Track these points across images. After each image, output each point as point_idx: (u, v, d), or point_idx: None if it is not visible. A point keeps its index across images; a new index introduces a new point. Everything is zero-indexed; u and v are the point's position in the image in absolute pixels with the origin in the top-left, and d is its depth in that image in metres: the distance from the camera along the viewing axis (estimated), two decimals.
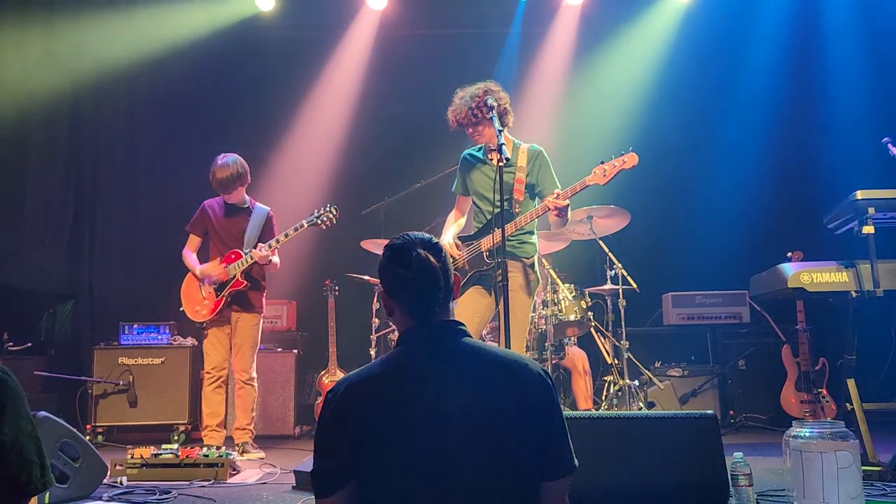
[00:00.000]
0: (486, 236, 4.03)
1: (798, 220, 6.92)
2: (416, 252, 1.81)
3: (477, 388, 1.74)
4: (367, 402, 1.72)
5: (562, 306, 5.54)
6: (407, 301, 1.85)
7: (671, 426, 3.08)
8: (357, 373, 1.81)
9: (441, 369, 1.77)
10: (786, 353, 5.91)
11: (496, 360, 1.81)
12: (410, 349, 1.83)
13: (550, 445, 1.77)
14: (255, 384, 5.25)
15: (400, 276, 1.83)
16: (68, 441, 3.62)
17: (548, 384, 1.80)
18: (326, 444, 1.75)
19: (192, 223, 5.35)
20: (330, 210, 5.12)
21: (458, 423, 1.69)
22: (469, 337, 1.86)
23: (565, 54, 7.50)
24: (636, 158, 3.76)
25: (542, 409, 1.77)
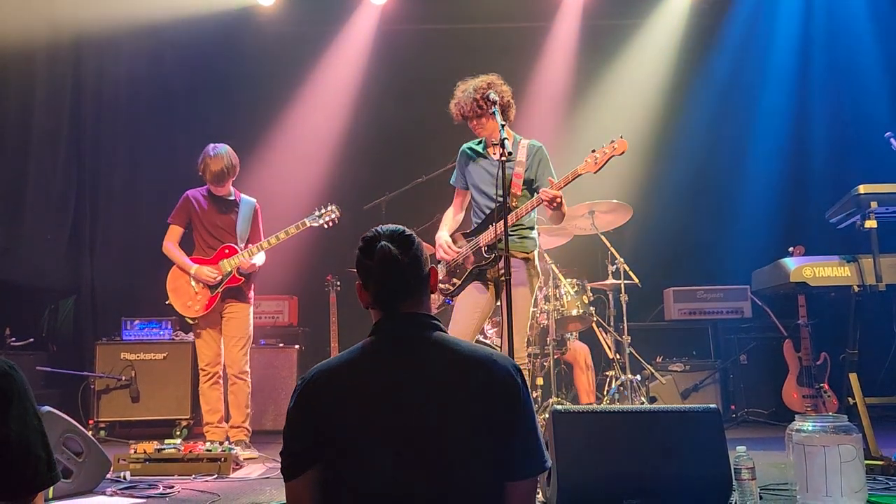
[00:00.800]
0: (485, 231, 4.03)
1: (800, 215, 6.92)
2: (381, 244, 1.83)
3: (441, 382, 1.74)
4: (333, 390, 1.75)
5: (563, 301, 5.53)
6: (372, 292, 1.86)
7: (674, 420, 3.08)
8: (327, 361, 1.85)
9: (405, 362, 1.78)
10: (787, 347, 5.92)
11: (462, 354, 1.80)
12: (378, 340, 1.84)
13: (517, 443, 1.75)
14: (247, 378, 5.11)
15: (366, 267, 1.85)
16: (72, 436, 3.63)
17: (516, 380, 1.77)
18: (293, 427, 1.77)
19: (175, 214, 5.18)
20: (332, 209, 5.10)
21: (420, 416, 1.69)
22: (441, 331, 1.85)
23: (568, 50, 7.48)
24: (626, 144, 3.76)
25: (509, 406, 1.74)
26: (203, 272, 5.03)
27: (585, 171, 3.80)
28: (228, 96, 7.40)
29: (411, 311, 1.86)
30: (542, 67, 7.48)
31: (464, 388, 1.73)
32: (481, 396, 1.72)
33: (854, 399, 3.97)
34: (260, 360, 6.20)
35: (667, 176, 7.15)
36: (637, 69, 7.49)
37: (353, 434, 1.70)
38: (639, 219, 5.88)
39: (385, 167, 7.25)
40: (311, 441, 1.73)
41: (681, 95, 7.36)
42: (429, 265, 1.92)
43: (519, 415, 1.76)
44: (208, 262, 5.10)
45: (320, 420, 1.72)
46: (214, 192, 5.19)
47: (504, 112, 3.98)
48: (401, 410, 1.70)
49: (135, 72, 7.00)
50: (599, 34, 7.51)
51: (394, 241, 1.85)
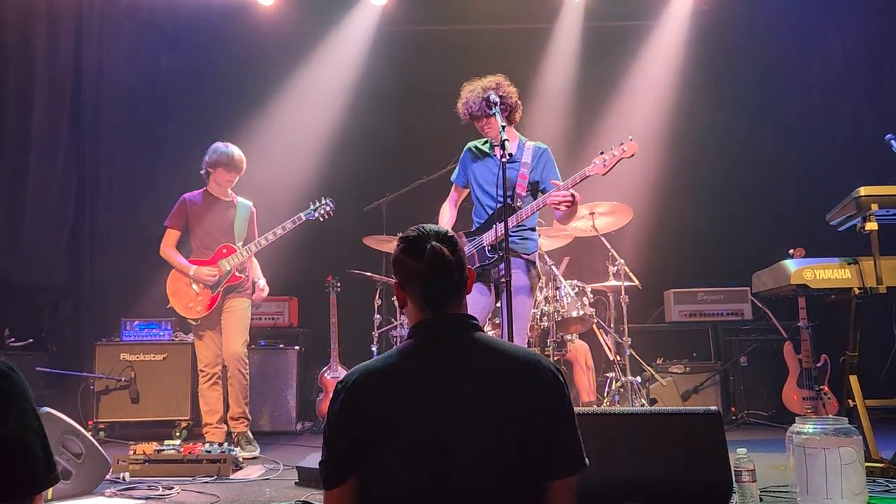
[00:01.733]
0: (488, 231, 4.02)
1: (800, 217, 6.92)
2: (430, 245, 1.81)
3: (487, 384, 1.73)
4: (377, 394, 1.72)
5: (564, 303, 5.53)
6: (419, 293, 1.84)
7: (675, 423, 3.08)
8: (367, 364, 1.81)
9: (451, 363, 1.77)
10: (788, 349, 5.91)
11: (507, 355, 1.80)
12: (421, 342, 1.83)
13: (560, 443, 1.76)
14: (245, 370, 5.13)
15: (413, 268, 1.83)
16: (71, 437, 3.63)
17: (559, 381, 1.79)
18: (335, 434, 1.73)
19: (172, 217, 5.23)
20: (326, 202, 5.14)
21: (466, 418, 1.69)
22: (481, 331, 1.86)
23: (572, 51, 7.48)
24: (636, 147, 3.74)
25: (553, 406, 1.76)
26: (202, 273, 5.08)
27: (594, 174, 3.78)
28: (229, 96, 7.39)
29: (454, 311, 1.86)
30: (543, 69, 7.48)
31: (511, 389, 1.73)
32: (528, 396, 1.73)
33: (854, 401, 3.96)
34: (260, 361, 6.19)
35: (667, 177, 7.15)
36: (637, 71, 7.49)
37: (402, 438, 1.68)
38: (639, 220, 5.88)
39: (386, 168, 7.25)
40: (357, 447, 1.69)
41: (681, 97, 7.35)
42: (467, 265, 1.91)
43: (561, 414, 1.78)
44: (207, 262, 5.14)
45: (366, 424, 1.69)
46: (212, 193, 5.23)
47: (510, 113, 3.98)
48: (447, 412, 1.69)
49: (135, 73, 6.99)
50: (601, 36, 7.51)
51: (442, 241, 1.84)
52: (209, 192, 5.26)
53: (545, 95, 7.30)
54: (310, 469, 3.94)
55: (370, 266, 6.29)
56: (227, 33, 7.19)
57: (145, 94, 7.17)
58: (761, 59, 7.34)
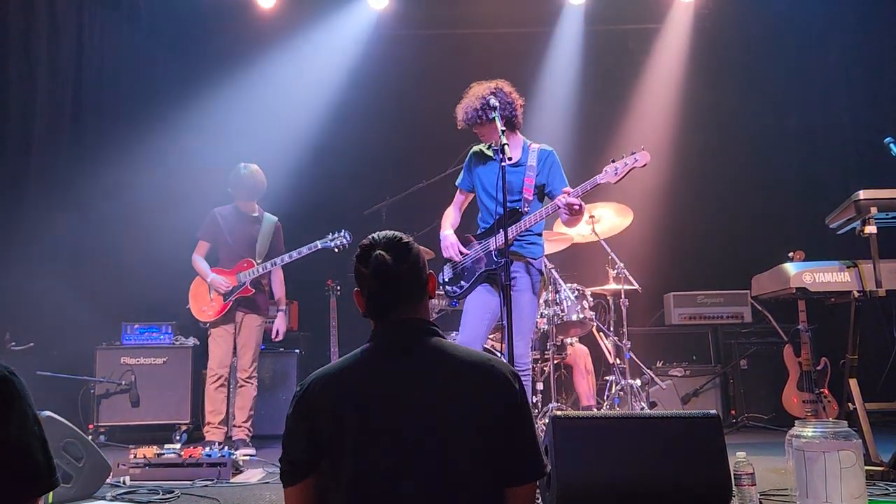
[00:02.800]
0: (493, 236, 4.02)
1: (800, 220, 6.93)
2: (376, 252, 1.83)
3: (437, 390, 1.74)
4: (330, 397, 1.75)
5: (564, 306, 5.53)
6: (366, 299, 1.88)
7: (674, 426, 3.08)
8: (325, 368, 1.85)
9: (401, 368, 1.78)
10: (787, 352, 5.91)
11: (460, 359, 1.80)
12: (375, 347, 1.85)
13: (516, 449, 1.75)
14: (254, 383, 5.43)
15: (361, 274, 1.86)
16: (72, 441, 3.63)
17: (513, 385, 1.78)
18: (291, 434, 1.79)
19: (203, 230, 5.54)
20: (343, 235, 5.34)
21: (416, 423, 1.70)
22: (439, 336, 1.86)
23: (572, 55, 7.49)
24: (648, 156, 3.73)
25: (507, 412, 1.75)
26: (217, 280, 5.36)
27: (605, 182, 3.78)
28: (227, 102, 7.38)
29: (408, 317, 1.86)
30: (545, 73, 7.49)
31: (461, 394, 1.73)
32: (479, 402, 1.73)
33: (854, 404, 3.96)
34: (260, 365, 6.17)
35: (667, 181, 7.16)
36: (637, 76, 7.50)
37: (351, 440, 1.70)
38: (639, 224, 5.88)
39: (386, 172, 7.25)
40: (310, 447, 1.74)
41: (680, 102, 7.36)
42: (427, 271, 1.91)
43: (516, 420, 1.76)
44: (227, 273, 5.42)
45: (318, 426, 1.73)
46: (240, 209, 5.52)
47: (511, 117, 3.98)
48: (398, 417, 1.71)
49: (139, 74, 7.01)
50: (601, 40, 7.51)
51: (389, 248, 1.85)
52: (237, 206, 5.55)
53: (546, 100, 7.30)
54: None
55: None
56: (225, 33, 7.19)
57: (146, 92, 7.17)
58: (760, 64, 7.35)
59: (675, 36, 7.47)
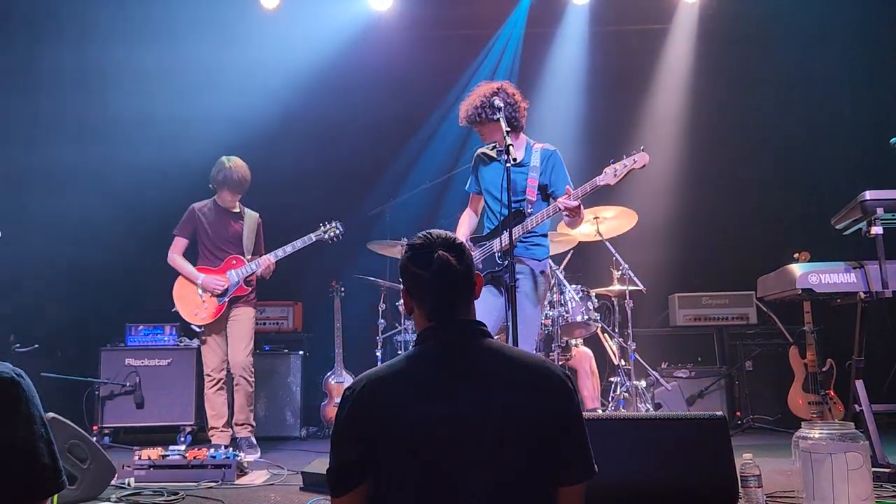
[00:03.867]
0: (498, 237, 4.01)
1: (805, 221, 6.91)
2: (437, 253, 1.81)
3: (495, 390, 1.73)
4: (385, 401, 1.72)
5: (568, 307, 5.52)
6: (426, 301, 1.84)
7: (680, 427, 3.08)
8: (376, 370, 1.81)
9: (458, 370, 1.77)
10: (793, 354, 5.89)
11: (517, 362, 1.80)
12: (429, 349, 1.82)
13: (569, 450, 1.76)
14: (250, 378, 5.25)
15: (419, 276, 1.83)
16: (77, 442, 3.63)
17: (569, 387, 1.79)
18: (343, 441, 1.73)
19: (181, 226, 5.38)
20: (335, 225, 5.27)
21: (475, 425, 1.68)
22: (490, 338, 1.85)
23: (574, 54, 7.48)
24: (647, 158, 3.73)
25: (562, 413, 1.76)
26: (210, 281, 5.20)
27: (605, 184, 3.77)
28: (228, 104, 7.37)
29: (464, 318, 1.86)
30: (550, 72, 7.48)
31: (519, 396, 1.73)
32: (537, 403, 1.73)
33: (860, 406, 3.95)
34: (264, 366, 6.19)
35: (671, 182, 7.15)
36: (642, 76, 7.48)
37: (409, 444, 1.67)
38: (644, 225, 5.87)
39: (390, 174, 7.25)
40: (365, 454, 1.69)
41: (686, 102, 7.35)
42: (475, 272, 1.91)
43: (572, 420, 1.77)
44: (215, 271, 5.25)
45: (374, 431, 1.69)
46: (221, 204, 5.35)
47: (513, 119, 3.97)
48: (457, 419, 1.69)
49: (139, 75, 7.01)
50: (605, 40, 7.50)
51: (449, 249, 1.84)
52: (217, 202, 5.38)
53: (551, 100, 7.28)
54: (314, 474, 3.94)
55: (374, 270, 6.28)
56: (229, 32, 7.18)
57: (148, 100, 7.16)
58: (764, 64, 7.32)
59: (680, 37, 7.45)
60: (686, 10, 7.42)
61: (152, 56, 6.88)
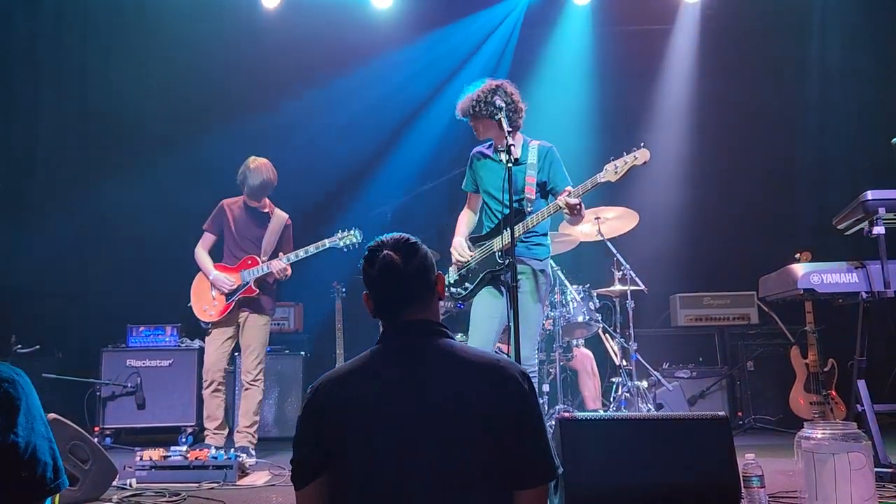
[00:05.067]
0: (498, 236, 4.00)
1: (807, 221, 6.90)
2: (383, 253, 1.84)
3: (449, 390, 1.73)
4: (340, 398, 1.76)
5: (570, 308, 5.52)
6: (374, 300, 1.89)
7: (682, 428, 3.07)
8: (335, 370, 1.85)
9: (410, 370, 1.78)
10: (795, 354, 5.89)
11: (470, 361, 1.80)
12: (384, 348, 1.85)
13: (525, 451, 1.73)
14: (259, 385, 5.16)
15: (368, 275, 1.87)
16: (78, 443, 3.63)
17: (524, 387, 1.77)
18: (302, 436, 1.79)
19: (210, 222, 5.29)
20: (353, 233, 5.12)
21: (427, 424, 1.69)
22: (448, 337, 1.86)
23: (573, 54, 7.47)
24: (648, 154, 3.71)
25: (517, 413, 1.74)
26: (220, 279, 5.12)
27: (605, 181, 3.76)
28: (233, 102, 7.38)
29: (417, 318, 1.86)
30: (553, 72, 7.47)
31: (470, 396, 1.72)
32: (489, 403, 1.72)
33: (862, 406, 3.94)
34: (266, 367, 6.17)
35: (673, 182, 7.14)
36: (645, 76, 7.48)
37: (361, 441, 1.70)
38: (645, 225, 5.87)
39: (391, 174, 7.24)
40: (320, 449, 1.74)
41: (688, 101, 7.35)
42: (436, 271, 1.91)
43: (527, 422, 1.75)
44: (231, 270, 5.17)
45: (328, 428, 1.74)
46: (249, 204, 5.25)
47: (512, 116, 3.96)
48: (406, 419, 1.70)
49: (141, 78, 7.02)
50: (607, 41, 7.49)
51: (397, 249, 1.85)
52: (246, 200, 5.27)
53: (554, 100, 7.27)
54: None
55: None
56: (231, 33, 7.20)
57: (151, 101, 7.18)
58: (766, 64, 7.32)
59: (682, 37, 7.46)
60: (687, 11, 7.42)
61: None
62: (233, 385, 5.78)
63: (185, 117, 7.21)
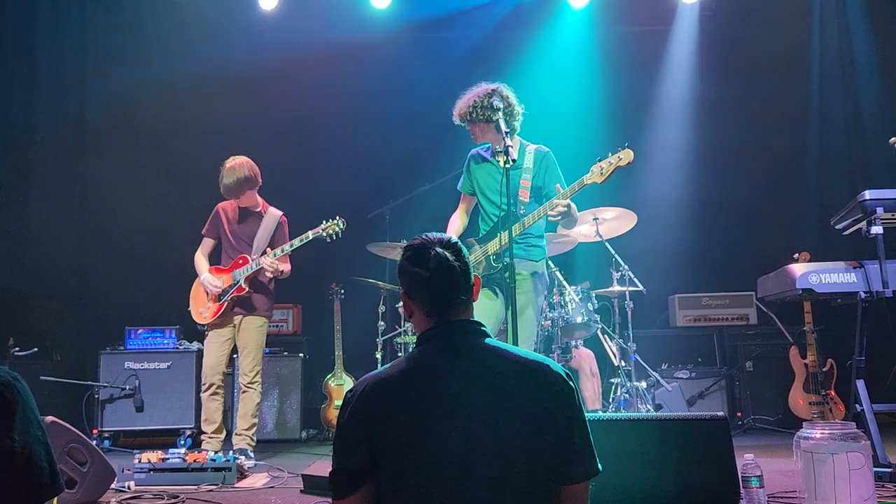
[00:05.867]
0: (493, 239, 4.00)
1: (805, 221, 6.91)
2: (434, 251, 1.82)
3: (497, 390, 1.73)
4: (387, 402, 1.72)
5: (568, 308, 5.52)
6: (425, 301, 1.85)
7: (681, 428, 3.07)
8: (377, 372, 1.82)
9: (461, 370, 1.77)
10: (793, 354, 5.89)
11: (518, 360, 1.80)
12: (430, 349, 1.82)
13: (572, 448, 1.76)
14: (257, 388, 5.11)
15: (417, 275, 1.83)
16: (76, 446, 3.62)
17: (570, 386, 1.79)
18: (346, 442, 1.74)
19: (207, 227, 5.27)
20: (337, 223, 5.04)
21: (478, 425, 1.68)
22: (490, 337, 1.86)
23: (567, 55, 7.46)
24: (631, 155, 3.73)
25: (564, 411, 1.76)
26: (207, 280, 5.08)
27: (591, 182, 3.77)
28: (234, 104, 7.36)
29: (462, 318, 1.86)
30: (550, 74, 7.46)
31: (521, 395, 1.73)
32: (538, 402, 1.73)
33: (861, 406, 3.94)
34: (264, 369, 6.16)
35: (671, 182, 7.14)
36: (642, 77, 7.47)
37: (413, 445, 1.68)
38: (643, 225, 5.87)
39: (389, 175, 7.23)
40: (367, 455, 1.70)
41: (686, 102, 7.34)
42: (473, 272, 1.91)
43: (574, 419, 1.77)
44: (224, 271, 5.14)
45: (376, 433, 1.70)
46: (239, 204, 5.21)
47: (508, 119, 3.96)
48: (460, 418, 1.69)
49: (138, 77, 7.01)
50: (606, 41, 7.49)
51: (447, 248, 1.84)
52: (237, 202, 5.22)
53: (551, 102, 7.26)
54: (315, 477, 3.93)
55: (374, 273, 6.27)
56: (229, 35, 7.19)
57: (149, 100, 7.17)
58: (764, 64, 7.32)
59: (680, 37, 7.45)
60: (686, 11, 7.42)
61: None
62: (232, 387, 5.77)
63: (184, 120, 7.20)
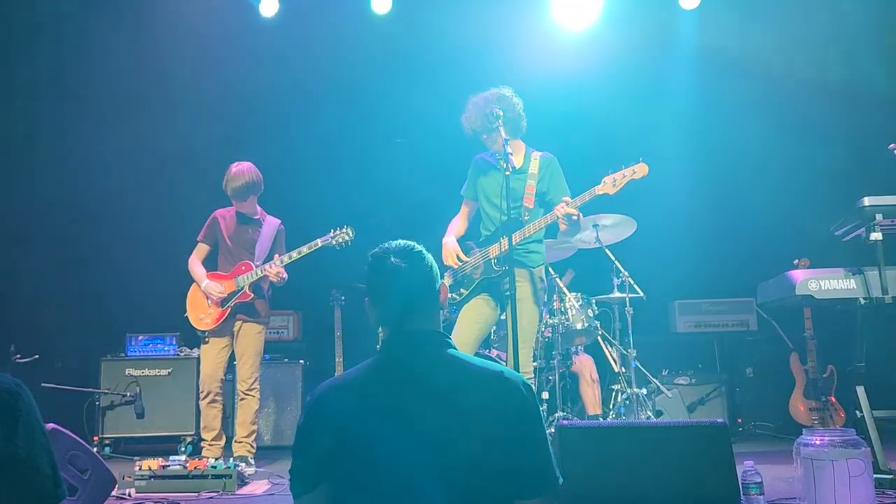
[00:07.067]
0: (495, 244, 4.02)
1: (805, 227, 6.90)
2: (390, 260, 1.83)
3: (452, 401, 1.72)
4: (341, 408, 1.75)
5: (569, 315, 5.52)
6: (380, 308, 1.86)
7: (682, 435, 3.07)
8: (334, 380, 1.84)
9: (412, 379, 1.77)
10: (794, 360, 5.89)
11: (474, 370, 1.79)
12: (387, 357, 1.84)
13: (527, 461, 1.72)
14: (255, 395, 5.12)
15: (374, 283, 1.86)
16: (77, 453, 3.62)
17: (526, 397, 1.76)
18: (301, 445, 1.78)
19: (203, 233, 5.26)
20: (346, 231, 5.07)
21: (431, 435, 1.68)
22: (451, 347, 1.84)
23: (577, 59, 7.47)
24: (646, 168, 3.76)
25: (520, 423, 1.73)
26: (210, 287, 5.08)
27: (603, 192, 3.81)
28: (234, 111, 7.38)
29: (421, 327, 1.85)
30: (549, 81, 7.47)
31: (473, 405, 1.71)
32: (491, 413, 1.71)
33: (862, 412, 3.94)
34: (264, 376, 6.15)
35: (671, 189, 7.14)
36: (642, 83, 7.48)
37: (363, 450, 1.69)
38: (643, 232, 5.88)
39: (391, 181, 7.24)
40: (321, 457, 1.73)
41: (686, 108, 7.35)
42: (440, 281, 1.91)
43: (529, 432, 1.74)
44: (225, 277, 5.14)
45: (329, 437, 1.72)
46: (239, 210, 5.22)
47: (514, 125, 3.98)
48: (410, 427, 1.69)
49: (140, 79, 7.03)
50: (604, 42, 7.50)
51: (403, 256, 1.85)
52: (237, 208, 5.23)
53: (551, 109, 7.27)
54: None
55: None
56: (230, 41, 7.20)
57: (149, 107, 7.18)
58: (766, 71, 7.33)
59: (677, 42, 7.46)
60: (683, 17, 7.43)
61: None
62: (231, 395, 5.77)
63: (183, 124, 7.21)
